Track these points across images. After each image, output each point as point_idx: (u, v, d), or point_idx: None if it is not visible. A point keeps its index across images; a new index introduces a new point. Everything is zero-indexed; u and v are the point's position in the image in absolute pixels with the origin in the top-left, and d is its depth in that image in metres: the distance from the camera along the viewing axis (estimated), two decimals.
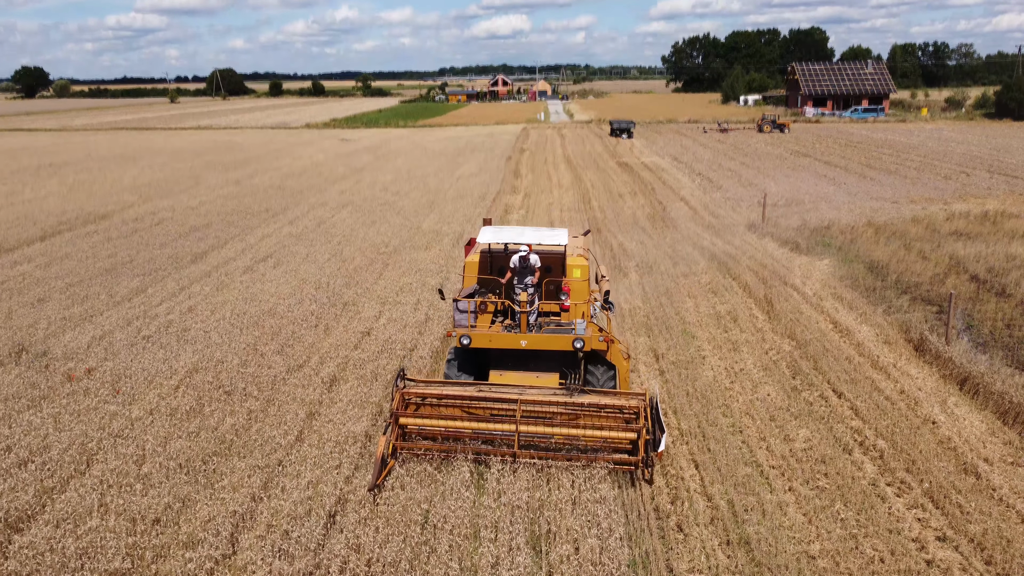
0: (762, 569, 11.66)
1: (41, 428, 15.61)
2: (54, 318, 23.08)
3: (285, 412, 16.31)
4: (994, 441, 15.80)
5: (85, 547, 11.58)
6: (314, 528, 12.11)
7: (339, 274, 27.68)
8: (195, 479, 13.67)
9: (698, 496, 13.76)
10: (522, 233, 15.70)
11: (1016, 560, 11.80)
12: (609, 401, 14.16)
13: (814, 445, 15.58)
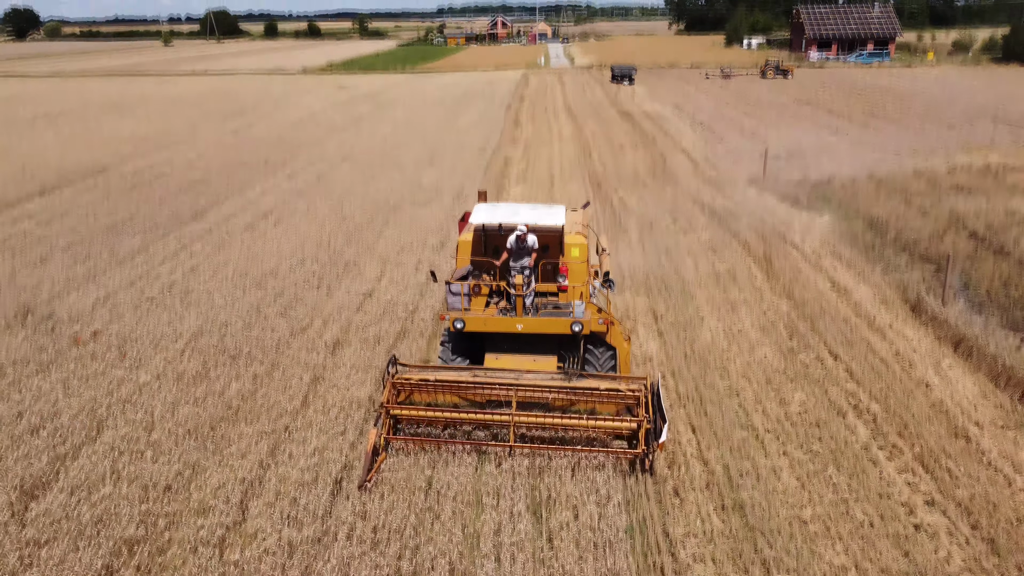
0: (755, 534, 12.06)
1: (51, 394, 15.91)
2: (57, 278, 23.23)
3: (290, 377, 16.60)
4: (985, 404, 16.11)
5: (100, 514, 11.96)
6: (321, 495, 12.49)
7: (340, 232, 27.74)
8: (204, 445, 14.02)
9: (695, 461, 14.12)
10: (517, 212, 15.00)
11: (1001, 525, 12.19)
12: (609, 386, 13.69)
13: (809, 408, 15.90)
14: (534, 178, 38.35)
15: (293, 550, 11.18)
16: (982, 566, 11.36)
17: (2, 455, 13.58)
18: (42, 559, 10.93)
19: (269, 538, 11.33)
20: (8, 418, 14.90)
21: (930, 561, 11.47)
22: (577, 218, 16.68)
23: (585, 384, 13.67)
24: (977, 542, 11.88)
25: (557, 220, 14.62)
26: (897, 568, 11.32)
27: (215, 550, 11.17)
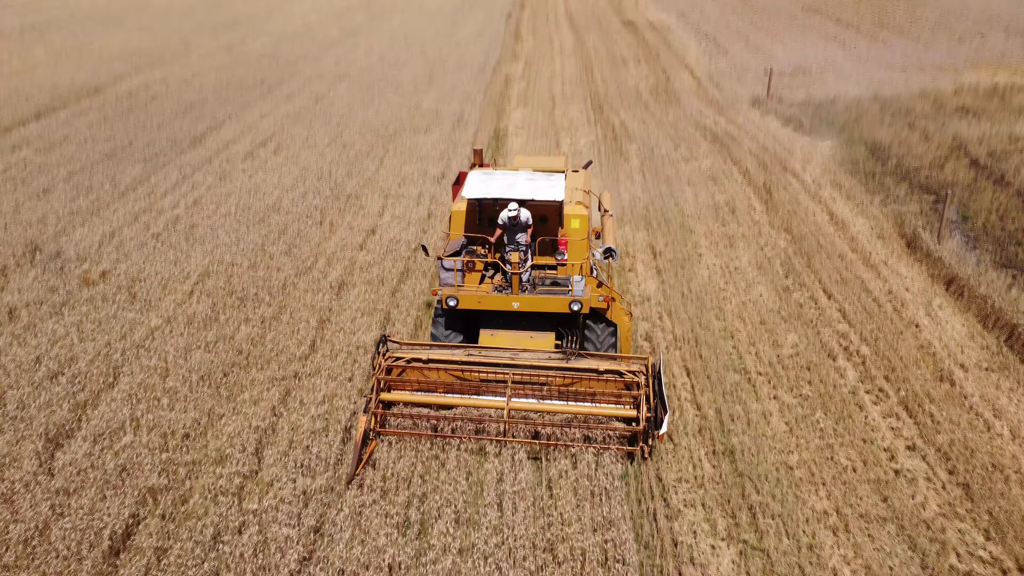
0: (744, 479, 12.74)
1: (65, 338, 16.40)
2: (62, 212, 23.39)
3: (297, 320, 17.05)
4: (972, 346, 16.62)
5: (123, 463, 12.63)
6: (332, 443, 13.12)
7: (340, 162, 27.68)
8: (217, 392, 14.59)
9: (689, 405, 14.72)
10: (513, 184, 13.84)
11: (976, 471, 12.86)
12: (608, 367, 13.04)
13: (801, 351, 16.41)
14: (535, 99, 37.84)
15: (308, 499, 11.88)
16: (955, 511, 12.08)
17: (25, 403, 14.16)
18: (72, 508, 11.63)
19: (285, 488, 12.01)
20: (27, 364, 15.44)
21: (907, 506, 12.18)
22: (578, 181, 15.78)
23: (584, 365, 13.06)
24: (952, 487, 12.58)
25: (556, 193, 13.55)
26: (876, 513, 12.04)
27: (234, 499, 11.87)
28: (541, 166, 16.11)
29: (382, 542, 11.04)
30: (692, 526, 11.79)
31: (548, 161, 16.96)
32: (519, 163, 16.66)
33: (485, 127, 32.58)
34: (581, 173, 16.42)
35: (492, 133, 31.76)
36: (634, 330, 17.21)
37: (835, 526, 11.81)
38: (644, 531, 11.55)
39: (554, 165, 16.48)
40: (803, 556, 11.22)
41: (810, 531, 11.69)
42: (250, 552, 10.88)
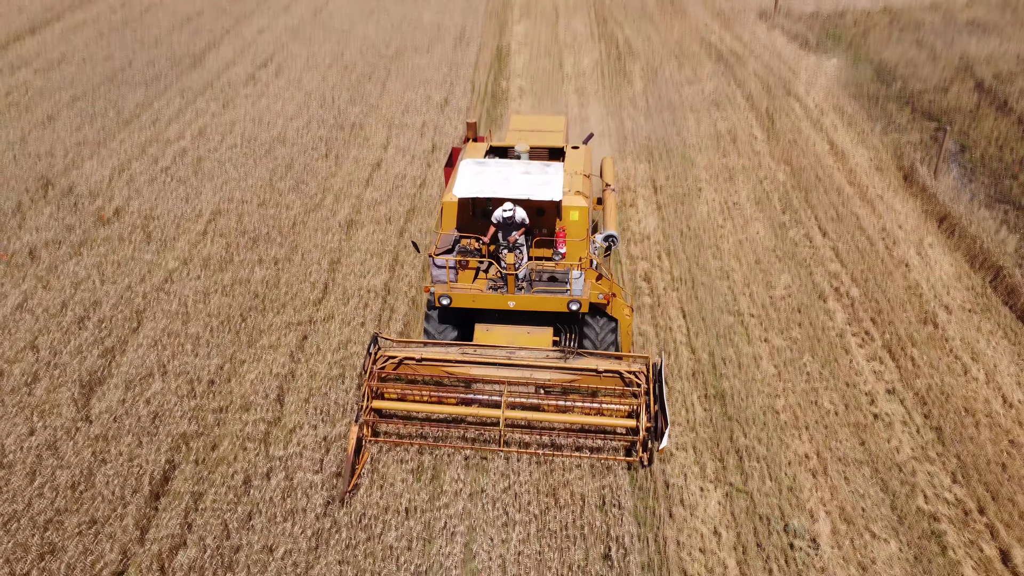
0: (732, 423, 13.70)
1: (87, 281, 17.09)
2: (69, 143, 23.62)
3: (309, 263, 17.68)
4: (958, 287, 17.30)
5: (155, 410, 13.57)
6: (349, 389, 14.03)
7: (342, 86, 27.58)
8: (237, 337, 15.40)
9: (683, 348, 15.55)
10: (508, 180, 12.67)
11: (950, 415, 13.80)
12: (608, 367, 12.52)
13: (793, 292, 17.11)
14: (537, 10, 37.09)
15: (329, 445, 12.87)
16: (927, 455, 13.08)
17: (56, 349, 15.00)
18: (112, 455, 12.64)
19: (308, 436, 12.98)
20: (53, 308, 16.19)
21: (882, 450, 13.18)
22: (578, 163, 14.52)
23: (582, 364, 12.53)
24: (926, 431, 13.55)
25: (553, 191, 12.44)
26: (853, 456, 13.04)
27: (261, 445, 12.86)
28: (539, 127, 15.87)
29: (399, 488, 12.07)
30: (683, 469, 12.80)
31: (546, 123, 16.58)
32: (516, 125, 16.39)
33: (488, 44, 32.15)
34: (581, 152, 15.05)
35: (494, 52, 31.40)
36: (633, 270, 17.88)
37: (815, 469, 12.82)
38: (639, 474, 12.57)
39: (553, 128, 16.18)
40: (783, 498, 12.28)
41: (791, 473, 12.72)
42: (279, 497, 11.94)
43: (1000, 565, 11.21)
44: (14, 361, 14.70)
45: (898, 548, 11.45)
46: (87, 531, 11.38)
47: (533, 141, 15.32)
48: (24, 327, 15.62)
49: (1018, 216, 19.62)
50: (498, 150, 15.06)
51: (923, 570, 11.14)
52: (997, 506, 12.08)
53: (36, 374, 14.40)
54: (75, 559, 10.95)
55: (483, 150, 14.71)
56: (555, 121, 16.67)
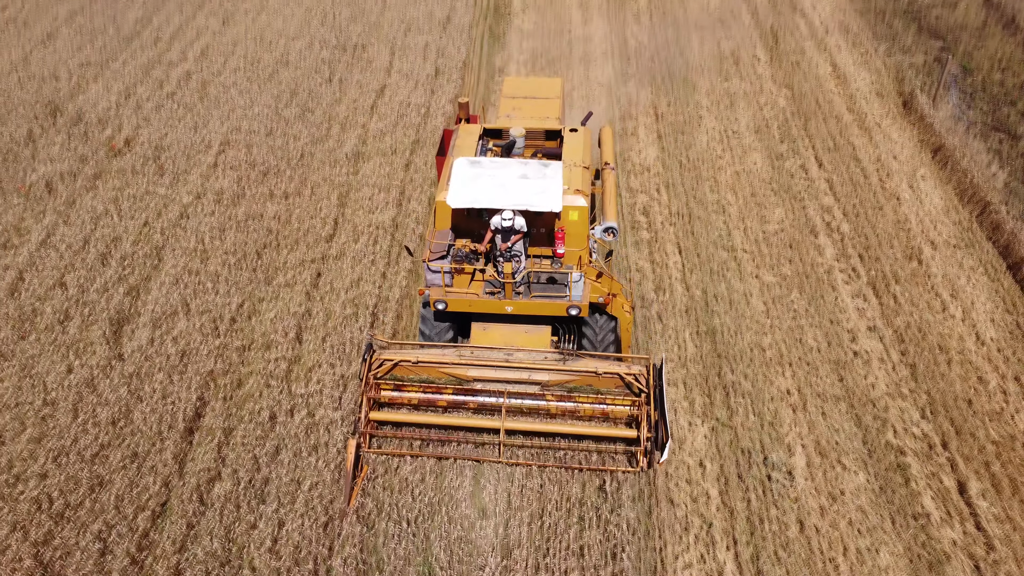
0: (721, 360, 14.68)
1: (106, 216, 17.73)
2: (71, 64, 23.68)
3: (319, 198, 18.25)
4: (945, 222, 17.93)
5: (183, 349, 14.54)
6: (363, 328, 14.94)
7: (342, 1, 27.22)
8: (255, 275, 16.19)
9: (678, 284, 16.36)
10: (504, 186, 11.90)
11: (924, 352, 14.75)
12: (608, 369, 12.29)
13: (786, 228, 17.77)
14: None
15: (346, 383, 13.89)
16: (900, 391, 14.11)
17: (84, 287, 15.83)
18: (147, 393, 13.68)
19: (326, 376, 13.98)
20: (76, 245, 16.91)
21: (859, 386, 14.20)
22: (576, 151, 13.54)
23: (582, 366, 12.31)
24: (901, 368, 14.54)
25: (551, 200, 11.74)
26: (831, 393, 14.08)
27: (284, 383, 13.89)
28: (534, 93, 15.65)
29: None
30: (674, 403, 13.86)
31: (541, 87, 16.18)
32: (510, 91, 15.98)
33: None
34: (580, 137, 14.00)
35: None
36: (632, 204, 18.48)
37: (795, 404, 13.88)
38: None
39: (548, 93, 15.79)
40: (764, 432, 13.39)
41: (773, 409, 13.79)
42: (303, 432, 13.06)
43: (956, 496, 12.40)
44: (45, 299, 15.56)
45: (865, 480, 12.63)
46: (130, 465, 12.55)
47: (527, 113, 14.92)
48: (50, 264, 16.40)
49: (1012, 146, 20.00)
50: (492, 132, 14.31)
51: (887, 500, 12.34)
52: (959, 440, 13.19)
53: (67, 312, 15.29)
54: (122, 491, 12.16)
55: (476, 133, 13.84)
56: (551, 85, 16.17)
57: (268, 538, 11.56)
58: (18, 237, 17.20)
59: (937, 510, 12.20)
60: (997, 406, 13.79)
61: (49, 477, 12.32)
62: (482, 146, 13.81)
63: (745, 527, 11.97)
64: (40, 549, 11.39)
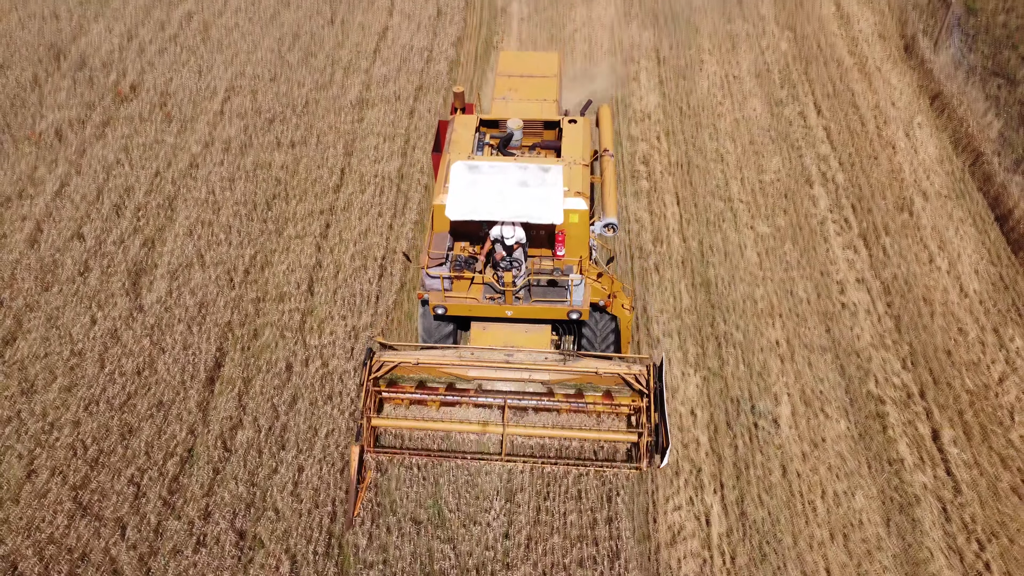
0: (715, 311, 15.37)
1: (117, 166, 18.12)
2: (71, 2, 23.59)
3: (325, 146, 18.59)
4: (938, 172, 18.33)
5: (200, 300, 15.20)
6: (372, 280, 15.58)
7: None
8: (265, 226, 16.71)
9: (675, 235, 16.90)
10: (504, 197, 11.69)
11: (909, 304, 15.42)
12: (608, 369, 12.37)
13: (782, 177, 18.18)
14: None
15: (356, 334, 14.62)
16: (884, 342, 14.84)
17: (101, 238, 16.38)
18: (168, 344, 14.42)
19: (338, 327, 14.69)
20: (90, 196, 17.37)
21: (845, 337, 14.92)
22: (576, 146, 13.29)
23: (582, 365, 12.40)
24: (887, 320, 15.23)
25: (552, 212, 11.60)
26: (818, 343, 14.81)
27: (298, 334, 14.61)
28: (530, 71, 15.39)
29: None
30: (668, 354, 14.62)
31: (537, 63, 15.90)
32: (505, 67, 15.66)
33: None
34: (579, 129, 13.67)
35: None
36: (633, 152, 18.84)
37: (783, 355, 14.64)
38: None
39: (545, 71, 15.51)
40: (753, 381, 14.18)
41: (762, 359, 14.55)
42: (318, 381, 13.86)
43: (930, 443, 13.28)
44: (64, 250, 16.14)
45: (846, 427, 13.49)
46: (157, 413, 13.40)
47: (524, 93, 14.70)
48: (67, 215, 16.91)
49: (1010, 92, 20.16)
50: (489, 123, 14.04)
51: (865, 447, 13.23)
52: (936, 390, 14.00)
53: (87, 263, 15.90)
54: (151, 438, 13.04)
55: (472, 125, 13.53)
56: (548, 62, 15.83)
57: (289, 482, 12.49)
58: (33, 187, 17.63)
59: (911, 456, 13.10)
60: (975, 356, 14.54)
61: (82, 425, 13.18)
62: (479, 140, 13.46)
63: (732, 472, 12.89)
64: (78, 492, 12.32)
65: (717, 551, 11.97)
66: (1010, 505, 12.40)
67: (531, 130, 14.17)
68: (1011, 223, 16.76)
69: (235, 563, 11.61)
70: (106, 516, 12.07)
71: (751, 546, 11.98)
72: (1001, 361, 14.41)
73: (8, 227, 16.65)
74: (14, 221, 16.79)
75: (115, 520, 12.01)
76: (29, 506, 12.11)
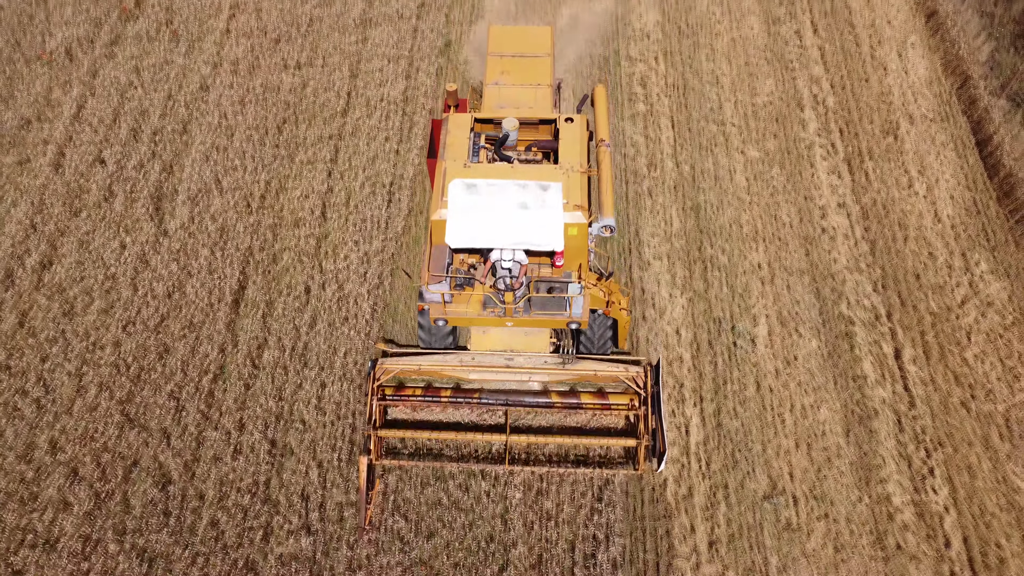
0: (703, 235, 16.41)
1: (130, 88, 18.70)
2: None
3: (331, 69, 19.08)
4: (926, 94, 18.91)
5: (221, 226, 16.23)
6: (381, 206, 16.54)
7: None
8: (278, 151, 17.50)
9: (669, 160, 17.72)
10: (504, 222, 11.85)
11: (885, 230, 16.44)
12: (607, 372, 12.68)
13: (774, 100, 18.79)
14: None
15: (369, 259, 15.73)
16: (858, 265, 15.96)
17: (122, 163, 17.22)
18: (194, 269, 15.56)
19: (351, 253, 15.77)
20: (107, 119, 18.06)
21: (823, 261, 16.03)
22: (574, 148, 12.97)
23: (581, 368, 12.74)
24: (863, 244, 16.29)
25: (553, 238, 11.85)
26: (797, 266, 15.94)
27: (314, 259, 15.72)
28: (521, 49, 14.96)
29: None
30: (657, 276, 15.79)
31: (529, 40, 15.37)
32: (496, 45, 15.17)
33: None
34: (576, 129, 13.27)
35: None
36: (631, 73, 19.35)
37: (764, 278, 15.80)
38: (621, 282, 15.58)
39: (537, 48, 15.10)
40: (735, 303, 15.41)
41: (744, 282, 15.72)
42: (335, 304, 15.10)
43: (892, 361, 14.64)
44: (88, 176, 17.01)
45: (817, 346, 14.83)
46: (189, 334, 14.71)
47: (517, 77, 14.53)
48: (86, 139, 17.66)
49: (1005, 10, 20.39)
50: (483, 122, 13.79)
51: (832, 364, 14.60)
52: (903, 312, 15.25)
53: (111, 188, 16.82)
54: (186, 357, 14.40)
55: (467, 126, 13.21)
56: (540, 38, 15.38)
57: (313, 397, 13.94)
58: (51, 110, 18.28)
59: (873, 373, 14.49)
60: (941, 280, 15.71)
61: (122, 344, 14.51)
62: (474, 143, 13.18)
63: (711, 387, 14.32)
64: (125, 406, 13.80)
65: (695, 458, 13.53)
66: (957, 418, 13.89)
67: (527, 124, 13.76)
68: (990, 148, 17.54)
69: (269, 469, 13.20)
70: (152, 427, 13.58)
71: (725, 454, 13.54)
72: (965, 285, 15.58)
73: (32, 151, 17.44)
74: (36, 145, 17.57)
75: (160, 431, 13.53)
76: (82, 418, 13.61)
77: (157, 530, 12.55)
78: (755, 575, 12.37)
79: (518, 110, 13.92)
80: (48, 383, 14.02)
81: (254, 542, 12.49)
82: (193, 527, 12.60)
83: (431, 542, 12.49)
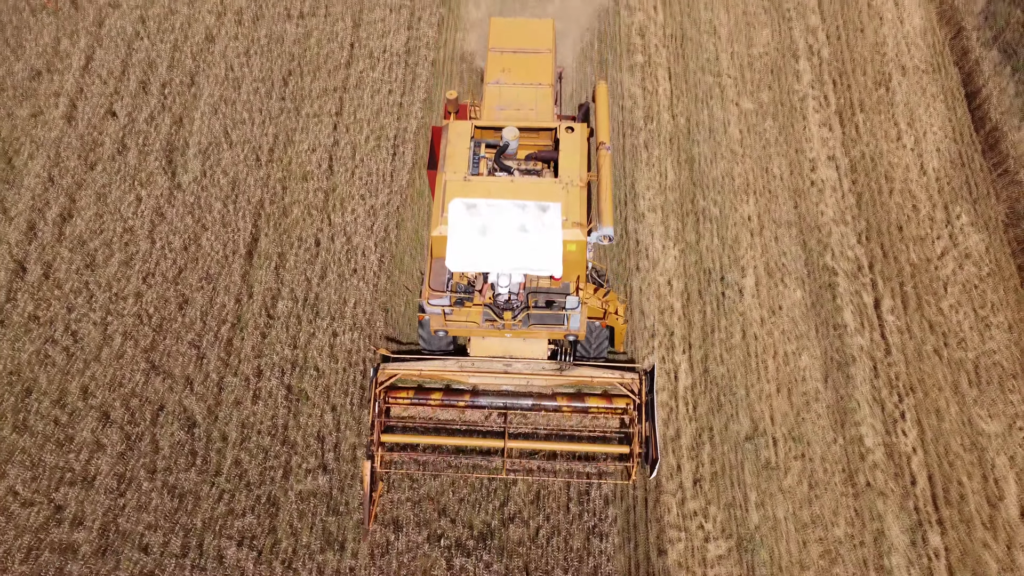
0: (696, 187, 17.05)
1: (136, 39, 19.00)
2: None
3: (334, 19, 19.33)
4: (920, 45, 19.22)
5: (232, 179, 16.85)
6: (386, 160, 17.13)
7: None
8: (284, 104, 17.96)
9: (665, 112, 18.20)
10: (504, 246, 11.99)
11: (871, 183, 17.05)
12: (602, 377, 12.98)
13: (770, 51, 19.12)
14: None
15: (376, 213, 16.42)
16: (844, 218, 16.65)
17: (133, 116, 17.71)
18: (209, 221, 16.26)
19: (358, 206, 16.44)
20: (116, 71, 18.44)
21: (810, 213, 16.72)
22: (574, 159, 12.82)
23: (577, 375, 13.04)
24: (849, 197, 16.93)
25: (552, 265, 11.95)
26: (785, 219, 16.64)
27: (323, 213, 16.41)
28: (522, 44, 14.75)
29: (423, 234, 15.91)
30: (651, 228, 16.50)
31: (530, 33, 15.05)
32: (497, 40, 14.88)
33: None
34: (576, 139, 13.07)
35: None
36: (630, 23, 19.61)
37: (753, 229, 16.51)
38: (616, 232, 16.28)
39: (539, 43, 14.86)
40: (725, 254, 16.16)
41: (734, 233, 16.44)
42: (344, 256, 15.87)
43: (872, 311, 15.49)
44: (100, 129, 17.53)
45: (801, 296, 15.66)
46: (206, 285, 15.52)
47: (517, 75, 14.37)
48: (96, 91, 18.10)
49: None
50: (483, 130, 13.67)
51: (815, 313, 15.46)
52: (884, 263, 16.02)
53: (124, 141, 17.37)
54: (205, 307, 15.25)
55: (467, 134, 13.13)
56: (542, 32, 15.09)
57: (326, 345, 14.86)
58: (60, 61, 18.65)
59: (853, 322, 15.36)
60: (923, 232, 16.43)
61: (143, 296, 15.35)
62: (474, 152, 13.13)
63: (699, 335, 15.21)
64: (150, 354, 14.72)
65: (682, 401, 14.53)
66: (929, 365, 14.83)
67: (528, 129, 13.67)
68: (979, 100, 18.00)
69: (286, 413, 14.21)
70: (176, 374, 14.54)
71: (710, 398, 14.54)
72: (945, 237, 16.31)
73: (44, 103, 17.91)
74: (48, 97, 18.02)
75: (184, 378, 14.49)
76: (110, 366, 14.56)
77: (185, 469, 13.64)
78: (735, 509, 13.50)
79: (519, 111, 13.89)
80: (76, 332, 14.91)
81: (275, 480, 13.59)
82: (219, 466, 13.68)
83: (437, 480, 13.58)
